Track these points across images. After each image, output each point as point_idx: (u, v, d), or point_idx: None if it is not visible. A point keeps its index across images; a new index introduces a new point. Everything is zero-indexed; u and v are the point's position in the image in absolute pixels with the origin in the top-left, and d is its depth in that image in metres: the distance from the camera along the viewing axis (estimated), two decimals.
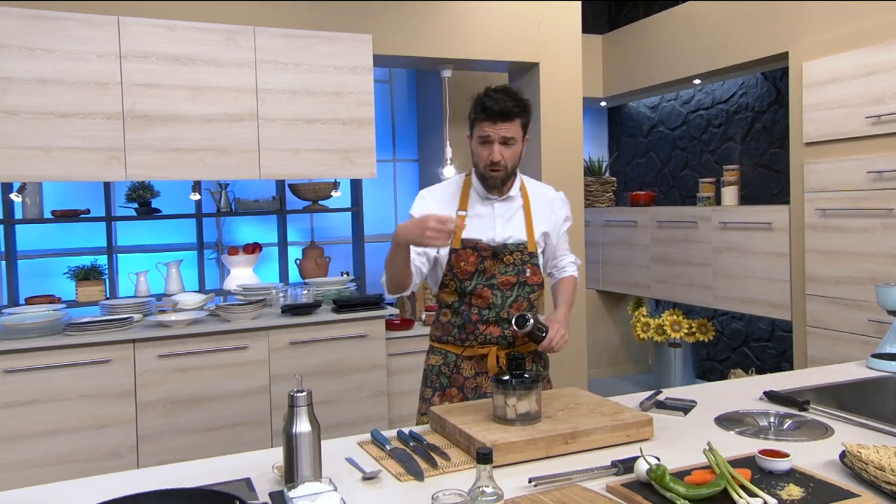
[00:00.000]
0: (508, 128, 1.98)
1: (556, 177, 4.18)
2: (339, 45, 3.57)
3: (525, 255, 2.09)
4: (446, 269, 2.08)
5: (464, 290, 2.06)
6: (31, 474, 3.04)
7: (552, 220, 2.18)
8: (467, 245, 2.06)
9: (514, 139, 2.01)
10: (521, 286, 2.08)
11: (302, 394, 1.39)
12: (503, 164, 2.01)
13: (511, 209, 2.13)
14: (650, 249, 5.04)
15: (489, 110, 1.96)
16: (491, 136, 1.99)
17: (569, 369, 4.25)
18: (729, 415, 1.90)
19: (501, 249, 2.06)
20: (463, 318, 2.08)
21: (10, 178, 3.09)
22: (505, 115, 1.96)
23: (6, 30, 3.02)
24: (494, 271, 2.06)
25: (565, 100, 4.15)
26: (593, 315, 5.65)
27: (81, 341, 3.10)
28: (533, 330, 1.95)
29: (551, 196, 2.22)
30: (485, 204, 2.11)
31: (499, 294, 2.06)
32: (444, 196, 2.13)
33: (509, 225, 2.11)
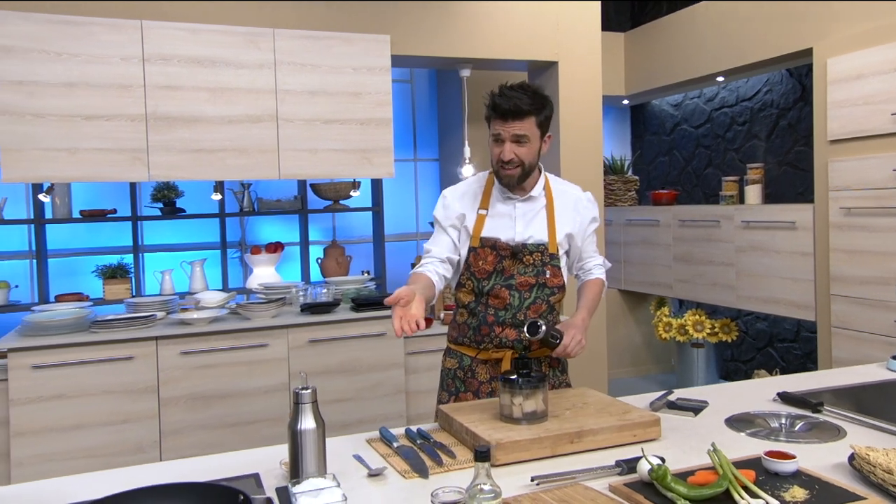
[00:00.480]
0: (520, 126, 1.94)
1: (576, 176, 4.16)
2: (357, 46, 3.60)
3: (545, 257, 2.05)
4: (464, 268, 2.07)
5: (481, 290, 2.04)
6: (58, 467, 3.12)
7: (577, 220, 2.13)
8: (486, 244, 2.05)
9: (527, 137, 1.96)
10: (541, 288, 2.05)
11: (307, 391, 1.41)
12: (516, 161, 1.97)
13: (533, 209, 2.09)
14: (672, 249, 5.00)
15: (499, 108, 1.94)
16: (502, 134, 1.95)
17: (589, 369, 4.24)
18: (740, 416, 1.89)
19: (521, 249, 2.03)
20: (479, 320, 2.06)
21: (38, 179, 3.17)
22: (515, 114, 1.93)
23: (34, 35, 3.10)
24: (513, 271, 2.04)
25: (585, 99, 4.14)
26: (615, 315, 5.61)
27: (106, 338, 3.18)
28: (546, 337, 1.92)
29: (577, 196, 2.16)
30: (506, 203, 2.09)
31: (516, 295, 2.04)
32: (465, 195, 2.12)
33: (530, 225, 2.07)
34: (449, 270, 2.09)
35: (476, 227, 2.07)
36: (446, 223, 2.10)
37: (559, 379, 2.14)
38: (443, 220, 2.11)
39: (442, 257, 2.07)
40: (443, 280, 2.07)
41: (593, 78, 4.14)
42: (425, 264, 2.07)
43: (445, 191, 2.15)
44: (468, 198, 2.11)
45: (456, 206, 2.10)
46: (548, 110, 2.01)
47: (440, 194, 2.16)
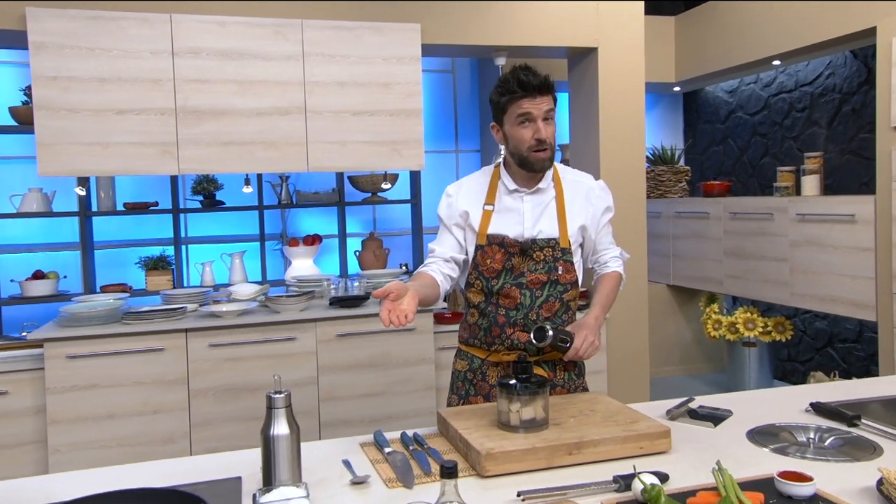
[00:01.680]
0: (548, 101, 1.85)
1: (617, 167, 4.00)
2: (386, 36, 3.53)
3: (557, 252, 1.94)
4: (471, 268, 1.98)
5: (490, 290, 1.95)
6: (92, 455, 3.18)
7: (589, 211, 2.00)
8: (493, 241, 1.95)
9: (552, 114, 1.87)
10: (553, 285, 1.94)
11: (280, 395, 1.36)
12: (549, 141, 1.87)
13: (542, 202, 1.97)
14: (723, 242, 4.76)
15: (527, 84, 1.82)
16: (533, 112, 1.83)
17: (629, 367, 4.08)
18: (764, 428, 1.74)
19: (530, 245, 1.93)
20: (489, 321, 1.96)
21: (72, 173, 3.23)
22: (544, 88, 1.83)
23: (68, 31, 3.15)
24: (523, 269, 1.93)
25: (626, 86, 3.96)
26: (663, 310, 5.41)
27: (137, 330, 3.22)
28: (555, 342, 1.82)
29: (588, 185, 2.04)
30: (513, 197, 1.97)
31: (528, 294, 1.93)
32: (470, 190, 2.02)
33: (540, 219, 1.96)
34: (455, 270, 2.01)
35: (483, 223, 1.97)
36: (450, 222, 2.02)
37: (574, 383, 2.02)
38: (446, 218, 2.03)
39: (446, 257, 1.99)
40: (448, 280, 1.98)
41: (635, 64, 3.96)
42: (429, 264, 1.99)
43: (449, 187, 2.06)
44: (473, 194, 2.02)
45: (460, 203, 2.01)
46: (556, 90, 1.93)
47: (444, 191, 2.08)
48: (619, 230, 4.07)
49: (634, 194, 4.05)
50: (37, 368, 3.18)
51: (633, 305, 4.06)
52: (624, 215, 4.05)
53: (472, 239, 1.98)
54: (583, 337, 1.86)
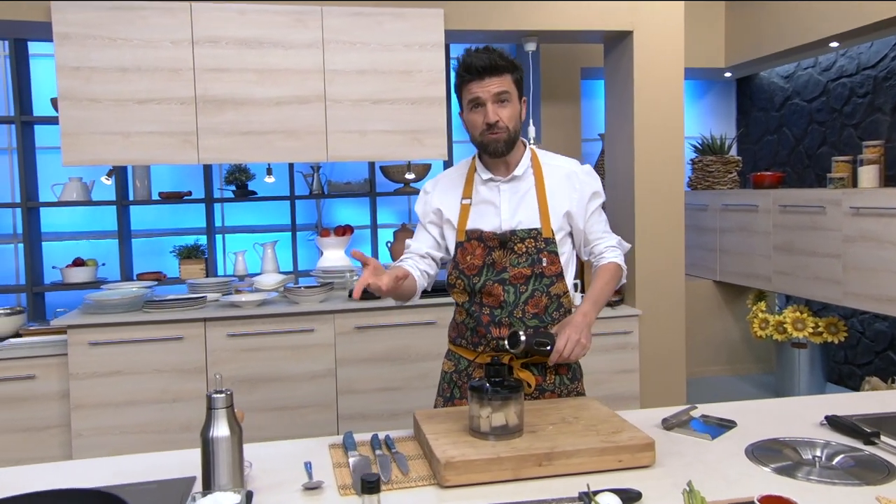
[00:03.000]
0: (499, 82, 1.74)
1: (652, 156, 3.81)
2: (408, 22, 3.44)
3: (540, 243, 1.81)
4: (451, 267, 1.88)
5: (473, 288, 1.84)
6: (113, 440, 3.24)
7: (574, 197, 1.86)
8: (472, 236, 1.84)
9: (509, 94, 1.76)
10: (538, 279, 1.82)
11: (220, 395, 1.29)
12: (502, 124, 1.76)
13: (520, 190, 1.85)
14: (772, 237, 4.49)
15: (473, 66, 1.73)
16: (481, 95, 1.75)
17: (663, 366, 3.89)
18: (767, 443, 1.59)
19: (510, 238, 1.82)
20: (475, 320, 1.86)
21: (94, 162, 3.27)
22: (493, 70, 1.73)
23: (91, 21, 3.18)
24: (505, 264, 1.82)
25: (663, 72, 3.75)
26: (709, 308, 5.15)
27: (157, 318, 3.25)
28: (530, 346, 1.70)
29: (570, 170, 1.89)
30: (489, 187, 1.86)
31: (511, 290, 1.82)
32: (448, 185, 1.92)
33: (519, 208, 1.84)
34: (432, 266, 1.92)
35: (461, 218, 1.86)
36: (425, 220, 1.93)
37: (567, 388, 1.89)
38: (422, 216, 1.94)
39: (422, 252, 1.91)
40: (425, 276, 1.90)
41: (674, 49, 3.75)
42: (404, 259, 1.91)
43: (427, 183, 1.96)
44: (450, 188, 1.91)
45: (434, 200, 1.91)
46: (519, 71, 1.80)
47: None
48: (655, 221, 3.91)
49: (671, 185, 3.85)
50: (62, 354, 3.24)
51: (668, 301, 3.87)
52: (660, 206, 3.86)
53: (453, 236, 1.88)
54: (565, 337, 1.72)
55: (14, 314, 3.52)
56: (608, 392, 3.76)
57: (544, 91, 4.71)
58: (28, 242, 4.15)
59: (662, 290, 3.88)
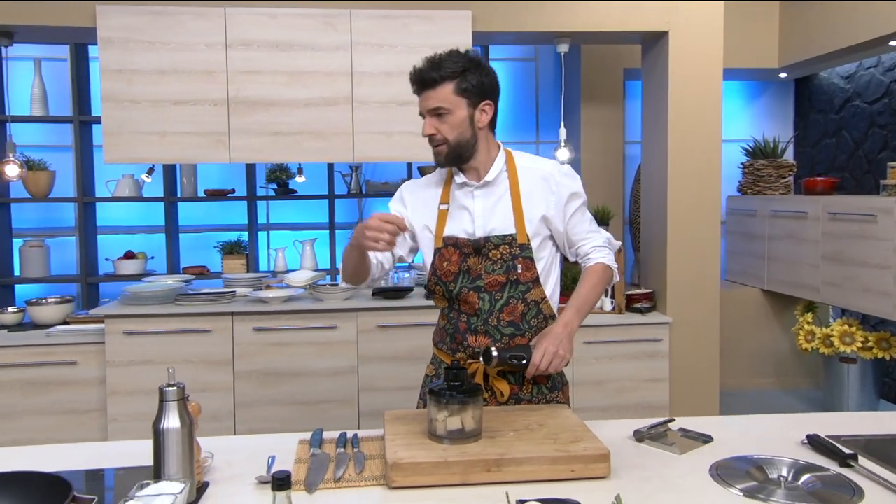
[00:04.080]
0: (434, 96, 1.72)
1: (687, 160, 3.70)
2: (436, 24, 3.46)
3: (514, 249, 1.78)
4: (430, 273, 1.86)
5: (451, 295, 1.83)
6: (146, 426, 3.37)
7: (551, 200, 1.81)
8: (448, 243, 1.83)
9: (446, 108, 1.72)
10: (513, 286, 1.79)
11: (172, 388, 1.35)
12: (440, 137, 1.74)
13: (493, 195, 1.82)
14: (821, 246, 4.28)
15: (411, 80, 1.76)
16: (420, 108, 1.77)
17: (695, 377, 3.78)
18: (734, 461, 1.53)
19: (484, 244, 1.80)
20: (453, 327, 1.85)
21: (133, 160, 3.44)
22: (425, 83, 1.72)
23: (133, 26, 3.35)
24: (480, 270, 1.79)
25: (700, 73, 3.63)
26: (756, 317, 4.96)
27: (187, 311, 3.38)
28: (503, 361, 1.67)
29: (546, 171, 1.84)
30: (464, 192, 1.83)
31: (486, 297, 1.79)
32: (426, 188, 1.91)
33: (493, 214, 1.81)
34: (388, 260, 1.90)
35: (438, 224, 1.85)
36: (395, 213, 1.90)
37: (546, 397, 1.85)
38: (393, 211, 1.91)
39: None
40: (379, 267, 1.88)
41: (712, 50, 3.63)
42: None
43: (404, 184, 1.95)
44: (428, 192, 1.89)
45: (410, 201, 1.89)
46: (473, 75, 1.74)
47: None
48: (689, 227, 3.80)
49: (707, 189, 3.73)
50: (101, 342, 3.42)
51: (702, 309, 3.76)
52: (695, 211, 3.75)
53: (430, 242, 1.86)
54: (542, 350, 1.68)
55: (63, 303, 3.73)
56: (636, 401, 3.68)
57: (585, 92, 4.64)
58: (83, 235, 4.39)
59: (696, 297, 3.77)
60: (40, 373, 3.41)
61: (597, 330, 3.67)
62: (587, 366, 3.67)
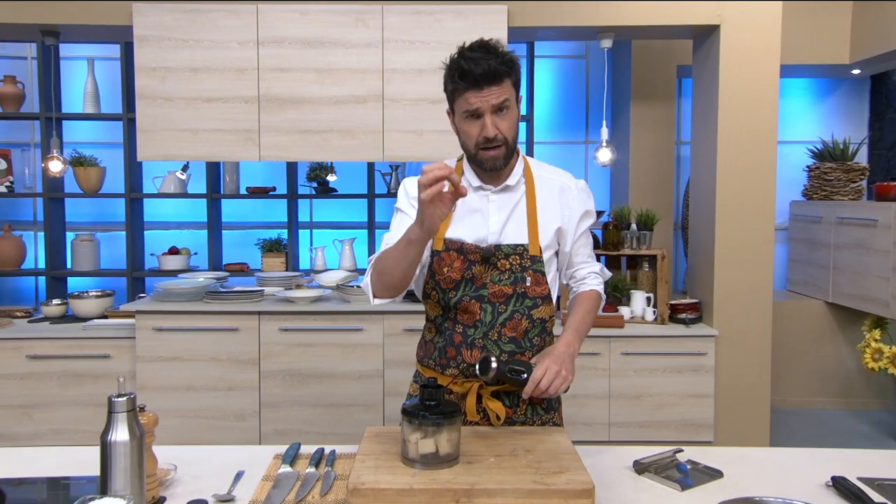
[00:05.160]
0: (500, 91, 1.55)
1: (739, 163, 3.46)
2: (469, 19, 3.34)
3: (525, 260, 1.64)
4: (428, 276, 1.71)
5: (448, 304, 1.67)
6: (173, 423, 3.40)
7: (566, 214, 1.70)
8: (451, 247, 1.66)
9: (509, 103, 1.57)
10: (519, 299, 1.64)
11: (122, 399, 1.28)
12: (501, 137, 1.58)
13: (510, 201, 1.67)
14: (891, 256, 3.95)
15: (470, 74, 1.54)
16: (480, 106, 1.55)
17: (743, 395, 3.53)
18: (740, 502, 1.36)
19: (493, 253, 1.64)
20: (445, 339, 1.70)
21: (165, 158, 3.45)
22: (492, 77, 1.53)
23: (166, 24, 3.36)
24: (485, 280, 1.64)
25: (754, 70, 3.38)
26: (821, 332, 4.63)
27: (215, 309, 3.38)
28: (502, 374, 1.54)
29: (563, 184, 1.72)
30: (479, 195, 1.68)
31: (488, 308, 1.64)
32: None
33: (508, 222, 1.66)
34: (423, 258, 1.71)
35: (442, 226, 1.68)
36: (405, 217, 1.72)
37: (542, 418, 1.71)
38: (406, 208, 1.72)
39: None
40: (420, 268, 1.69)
41: (767, 45, 3.37)
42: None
43: (405, 180, 1.80)
44: None
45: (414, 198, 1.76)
46: (519, 69, 1.61)
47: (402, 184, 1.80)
48: (739, 234, 3.54)
49: (760, 194, 3.48)
50: (133, 337, 3.45)
51: (752, 321, 3.51)
52: (746, 217, 3.51)
53: (428, 244, 1.70)
54: (543, 368, 1.52)
55: (103, 297, 3.80)
56: (677, 417, 3.47)
57: (635, 90, 4.43)
58: (130, 230, 4.48)
59: (746, 309, 3.52)
60: (76, 365, 3.47)
61: (636, 341, 3.48)
62: (625, 378, 3.48)
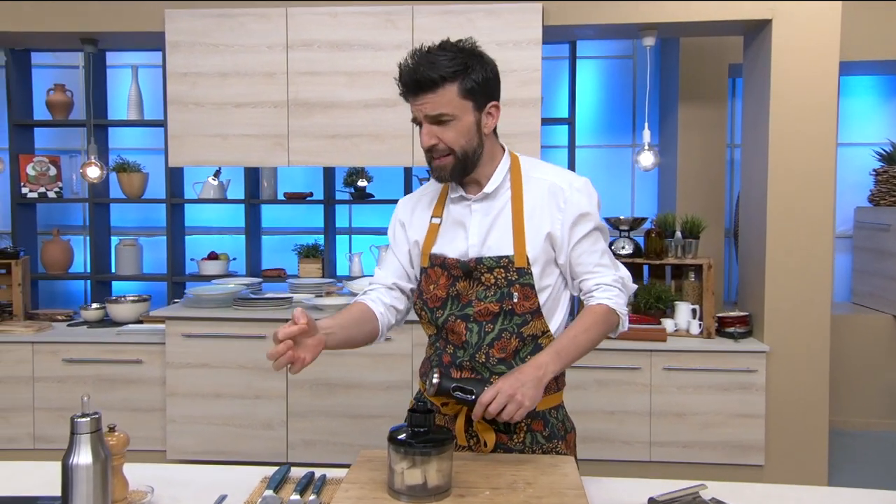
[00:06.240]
0: (435, 100, 1.43)
1: (792, 167, 3.22)
2: (502, 18, 3.21)
3: (511, 273, 1.51)
4: (416, 296, 1.62)
5: (436, 323, 1.57)
6: (201, 429, 3.38)
7: (556, 218, 1.53)
8: (435, 262, 1.57)
9: (449, 115, 1.45)
10: (507, 317, 1.51)
11: (85, 419, 1.21)
12: (442, 148, 1.47)
13: (492, 210, 1.55)
14: None
15: (403, 81, 1.46)
16: (416, 115, 1.48)
17: (797, 413, 3.29)
18: None
19: (475, 267, 1.52)
20: (437, 359, 1.59)
21: (196, 163, 3.44)
22: (425, 85, 1.43)
23: (197, 30, 3.35)
24: (470, 297, 1.53)
25: (810, 66, 3.14)
26: (889, 348, 4.30)
27: (243, 316, 3.34)
28: (447, 392, 1.39)
29: (555, 184, 1.54)
30: (462, 206, 1.58)
31: (474, 328, 1.52)
32: (419, 202, 1.66)
33: (491, 232, 1.54)
34: (401, 300, 1.66)
35: (427, 240, 1.60)
36: (394, 242, 1.68)
37: (543, 447, 1.55)
38: (391, 237, 1.69)
39: (388, 283, 1.65)
40: (392, 311, 1.65)
41: (825, 39, 3.13)
42: (368, 292, 1.66)
43: (400, 201, 1.71)
44: (422, 205, 1.65)
45: (405, 218, 1.66)
46: (478, 72, 1.47)
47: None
48: (793, 243, 3.30)
49: (817, 200, 3.24)
50: (163, 343, 3.45)
51: (808, 337, 3.27)
52: (801, 226, 3.27)
53: (419, 260, 1.62)
54: (494, 391, 1.37)
55: (139, 301, 3.82)
56: (723, 438, 3.25)
57: (683, 90, 4.21)
58: (171, 235, 4.50)
59: (801, 323, 3.28)
60: (110, 369, 3.48)
61: (679, 355, 3.28)
62: (667, 395, 3.28)
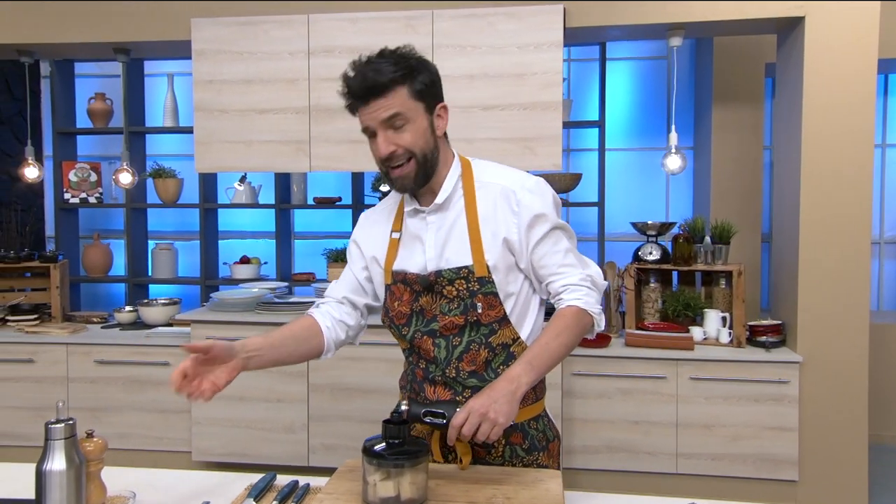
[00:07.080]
0: (387, 104, 1.39)
1: (827, 168, 3.09)
2: (523, 21, 3.17)
3: (472, 284, 1.46)
4: (383, 313, 1.59)
5: (406, 339, 1.54)
6: (225, 431, 3.43)
7: (511, 221, 1.46)
8: (397, 279, 1.53)
9: (403, 115, 1.40)
10: (473, 328, 1.47)
11: (59, 426, 1.22)
12: (402, 154, 1.42)
13: (447, 220, 1.50)
14: None
15: (352, 89, 1.42)
16: (370, 125, 1.43)
17: (833, 427, 3.14)
18: None
19: (436, 280, 1.48)
20: (412, 374, 1.57)
21: (221, 169, 3.49)
22: (375, 90, 1.39)
23: (221, 37, 3.40)
24: (434, 311, 1.49)
25: (846, 64, 3.00)
26: None
27: (264, 320, 3.37)
28: (418, 418, 1.34)
29: (506, 187, 1.48)
30: (418, 219, 1.53)
31: (442, 343, 1.48)
32: (380, 214, 1.62)
33: (448, 243, 1.49)
34: (351, 315, 1.63)
35: (388, 256, 1.55)
36: (350, 257, 1.65)
37: (524, 460, 1.51)
38: (348, 252, 1.66)
39: (339, 297, 1.62)
40: (341, 326, 1.60)
41: (862, 35, 2.99)
42: (319, 306, 1.64)
43: (361, 216, 1.68)
44: (382, 219, 1.60)
45: (361, 234, 1.62)
46: (425, 74, 1.43)
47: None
48: (828, 249, 3.16)
49: (855, 203, 3.10)
50: None
51: (844, 347, 3.13)
52: (837, 230, 3.14)
53: (381, 277, 1.58)
54: (466, 412, 1.31)
55: (169, 304, 3.90)
56: (754, 451, 3.14)
57: (717, 91, 4.10)
58: (204, 239, 4.59)
59: (837, 332, 3.14)
60: (139, 371, 3.56)
61: (708, 365, 3.17)
62: (695, 405, 3.18)
